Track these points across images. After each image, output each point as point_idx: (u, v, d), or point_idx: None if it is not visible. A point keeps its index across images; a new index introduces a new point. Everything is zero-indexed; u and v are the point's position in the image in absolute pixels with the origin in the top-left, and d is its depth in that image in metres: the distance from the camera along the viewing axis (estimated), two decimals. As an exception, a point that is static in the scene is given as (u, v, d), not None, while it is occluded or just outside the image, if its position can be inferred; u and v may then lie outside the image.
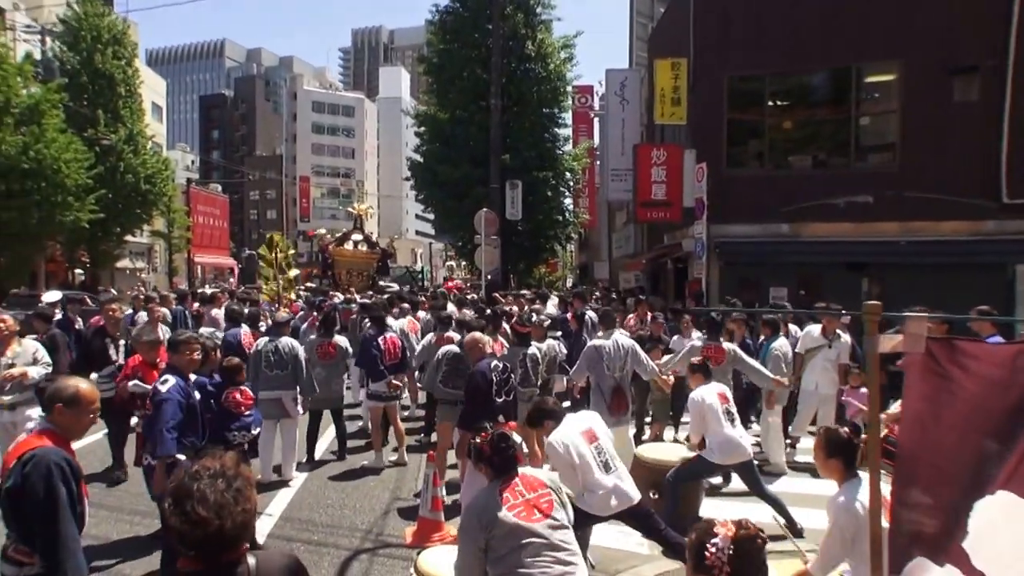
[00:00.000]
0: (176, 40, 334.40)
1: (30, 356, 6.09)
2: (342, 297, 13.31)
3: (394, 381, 7.43)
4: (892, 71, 13.33)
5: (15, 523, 2.80)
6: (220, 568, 1.74)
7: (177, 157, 55.09)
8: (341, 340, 8.00)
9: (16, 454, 2.82)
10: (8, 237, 22.91)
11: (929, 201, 11.89)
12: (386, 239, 26.45)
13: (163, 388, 4.27)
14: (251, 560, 1.80)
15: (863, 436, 3.49)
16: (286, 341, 7.15)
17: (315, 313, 10.35)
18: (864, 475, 3.18)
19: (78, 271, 32.33)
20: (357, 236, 19.11)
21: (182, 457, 4.16)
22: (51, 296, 12.20)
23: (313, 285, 17.90)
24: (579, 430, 4.29)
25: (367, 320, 8.39)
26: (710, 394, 5.34)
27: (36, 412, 6.16)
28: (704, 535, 2.00)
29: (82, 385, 3.01)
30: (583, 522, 4.07)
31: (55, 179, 22.51)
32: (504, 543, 3.01)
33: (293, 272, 15.69)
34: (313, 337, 8.19)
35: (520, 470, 3.25)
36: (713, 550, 1.95)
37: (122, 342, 6.52)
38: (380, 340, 7.52)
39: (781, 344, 7.69)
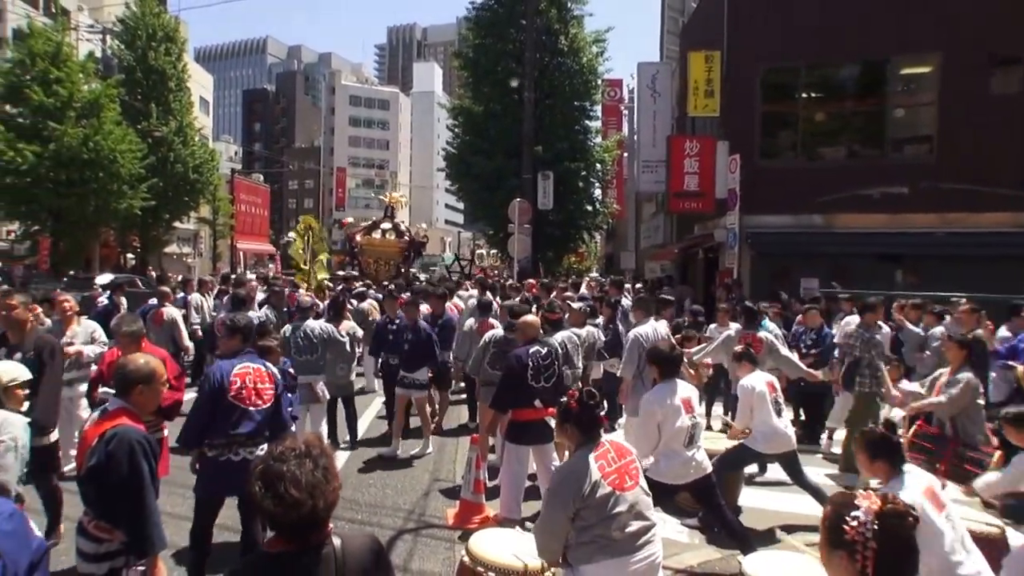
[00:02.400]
0: (222, 38, 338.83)
1: (88, 335, 6.20)
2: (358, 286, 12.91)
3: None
4: (929, 63, 12.88)
5: (97, 500, 2.78)
6: (308, 548, 1.69)
7: (222, 148, 55.81)
8: (350, 326, 7.76)
9: (95, 433, 2.79)
10: (67, 223, 23.52)
11: (968, 193, 11.47)
12: (415, 227, 25.33)
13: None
14: (336, 540, 1.75)
15: (900, 432, 3.25)
16: (314, 325, 6.84)
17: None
18: (910, 469, 2.98)
19: (129, 256, 32.97)
20: (386, 224, 18.36)
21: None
22: (104, 278, 12.25)
23: (342, 273, 17.54)
24: (679, 397, 4.21)
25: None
26: (760, 383, 5.12)
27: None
28: (843, 507, 1.73)
29: (152, 361, 3.03)
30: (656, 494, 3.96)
31: (111, 169, 23.08)
32: (595, 512, 2.86)
33: (324, 256, 15.13)
34: (322, 321, 8.02)
35: (606, 436, 3.08)
36: (855, 524, 1.68)
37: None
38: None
39: (773, 328, 7.44)
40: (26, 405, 3.56)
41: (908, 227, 12.23)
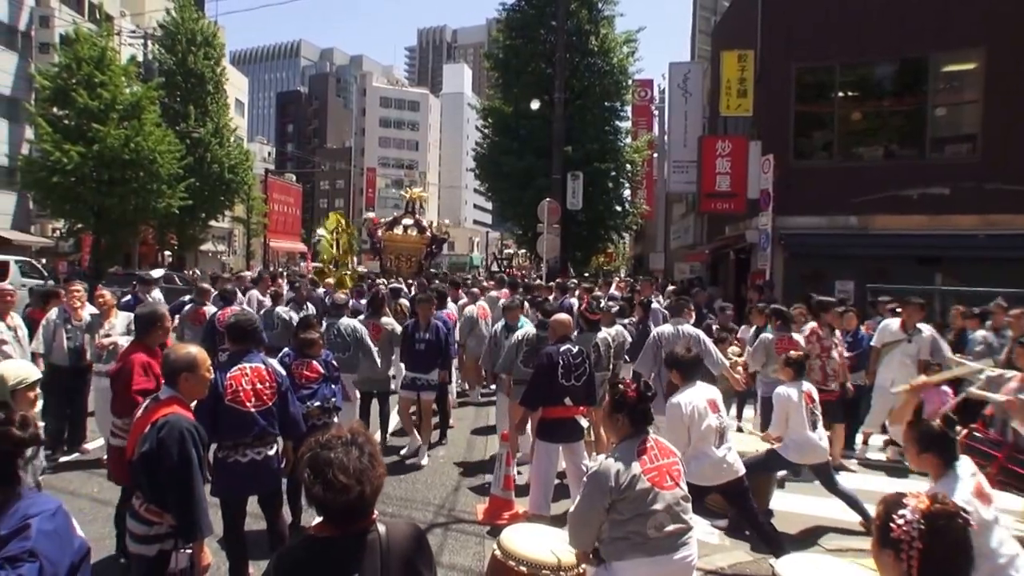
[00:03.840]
0: (257, 41, 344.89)
1: (125, 326, 6.35)
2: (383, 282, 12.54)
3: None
4: (972, 60, 12.51)
5: (148, 485, 2.85)
6: (354, 534, 1.74)
7: (256, 149, 56.64)
8: (388, 322, 7.61)
9: (148, 420, 2.86)
10: (109, 221, 24.17)
11: (1012, 193, 11.13)
12: (436, 223, 24.21)
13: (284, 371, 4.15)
14: (380, 528, 1.79)
15: (958, 428, 3.12)
16: (347, 323, 6.71)
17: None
18: (961, 468, 2.84)
19: (167, 253, 33.72)
20: (408, 220, 17.95)
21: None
22: (156, 272, 12.35)
23: (363, 269, 17.27)
24: (705, 398, 4.17)
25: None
26: (796, 392, 5.03)
27: None
28: (892, 507, 1.71)
29: (192, 349, 3.08)
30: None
31: (151, 169, 23.71)
32: (631, 507, 2.84)
33: (345, 242, 14.43)
34: (361, 317, 7.80)
35: (651, 435, 3.05)
36: (901, 522, 1.65)
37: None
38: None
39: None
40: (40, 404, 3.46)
41: (948, 229, 11.92)
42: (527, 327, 6.62)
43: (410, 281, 13.37)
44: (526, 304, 8.82)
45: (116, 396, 4.14)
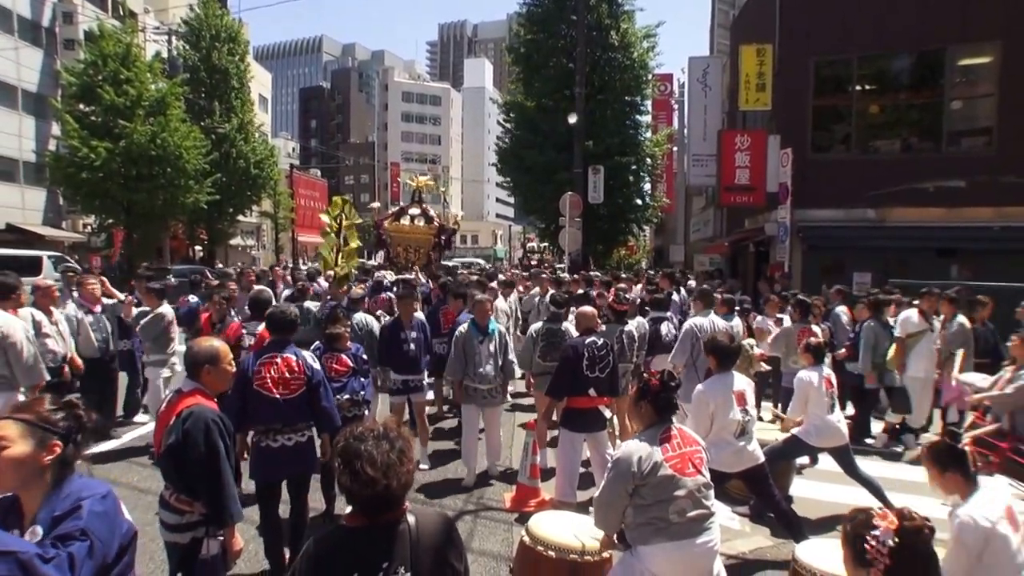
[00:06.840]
0: (279, 37, 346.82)
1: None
2: (390, 276, 12.23)
3: None
4: (988, 53, 12.36)
5: (177, 476, 2.88)
6: (384, 524, 1.75)
7: (280, 145, 57.08)
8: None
9: (173, 412, 2.89)
10: (138, 217, 24.42)
11: (1028, 186, 10.99)
12: (440, 213, 22.51)
13: (319, 366, 4.21)
14: (411, 519, 1.80)
15: (966, 440, 3.11)
16: (360, 317, 6.64)
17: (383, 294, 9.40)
18: (987, 482, 2.81)
19: (197, 248, 34.11)
20: (414, 210, 16.70)
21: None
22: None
23: (370, 263, 16.66)
24: (734, 389, 4.24)
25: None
26: (816, 377, 5.10)
27: (166, 372, 6.58)
28: (861, 527, 1.77)
29: (216, 342, 3.12)
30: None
31: (177, 164, 23.77)
32: (653, 493, 2.92)
33: (355, 243, 13.92)
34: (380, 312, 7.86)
35: (675, 424, 3.14)
36: (873, 543, 1.72)
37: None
38: None
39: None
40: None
41: (964, 221, 11.81)
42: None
43: (422, 278, 13.06)
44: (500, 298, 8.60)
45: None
